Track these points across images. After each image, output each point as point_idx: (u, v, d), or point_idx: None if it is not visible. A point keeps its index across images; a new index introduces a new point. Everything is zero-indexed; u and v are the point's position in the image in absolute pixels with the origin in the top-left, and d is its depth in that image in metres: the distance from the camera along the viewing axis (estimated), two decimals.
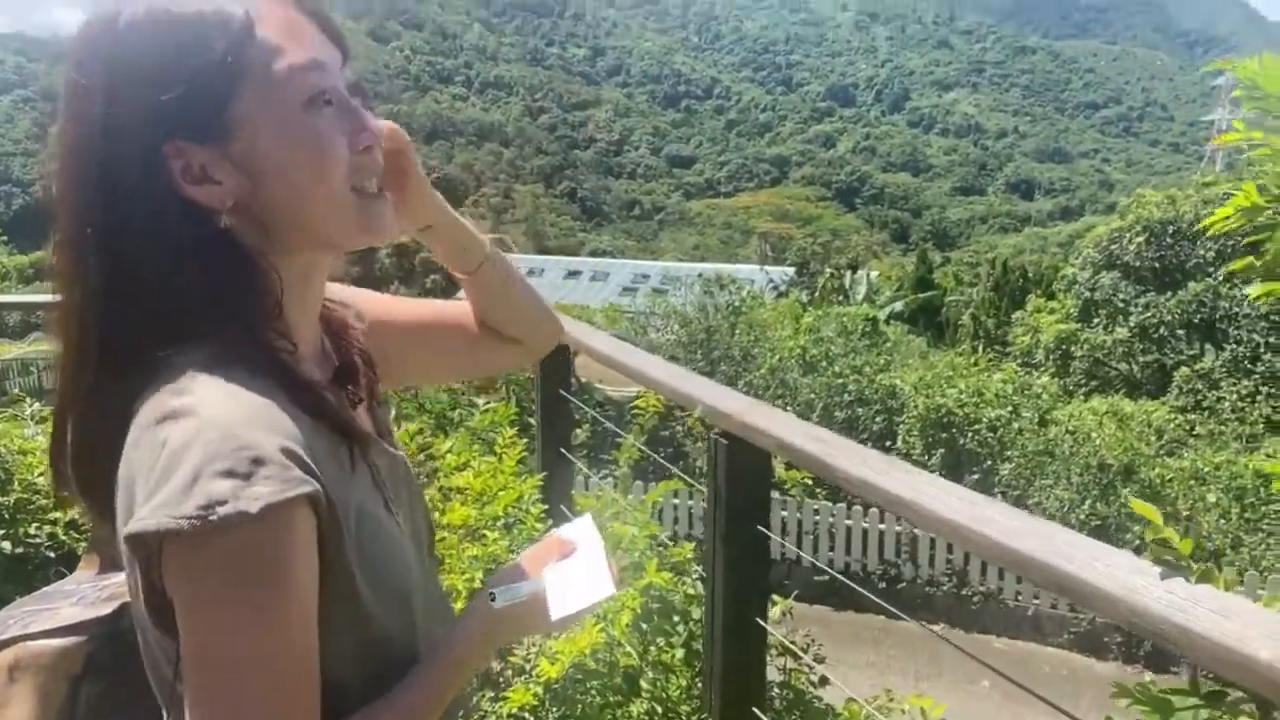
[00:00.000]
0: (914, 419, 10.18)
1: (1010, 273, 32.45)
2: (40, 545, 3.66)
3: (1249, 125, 1.53)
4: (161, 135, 0.81)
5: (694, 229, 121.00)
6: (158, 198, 0.82)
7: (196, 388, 0.79)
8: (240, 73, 0.81)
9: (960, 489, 1.44)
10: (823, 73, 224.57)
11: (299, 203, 0.86)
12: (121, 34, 0.81)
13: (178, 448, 0.75)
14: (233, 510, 0.72)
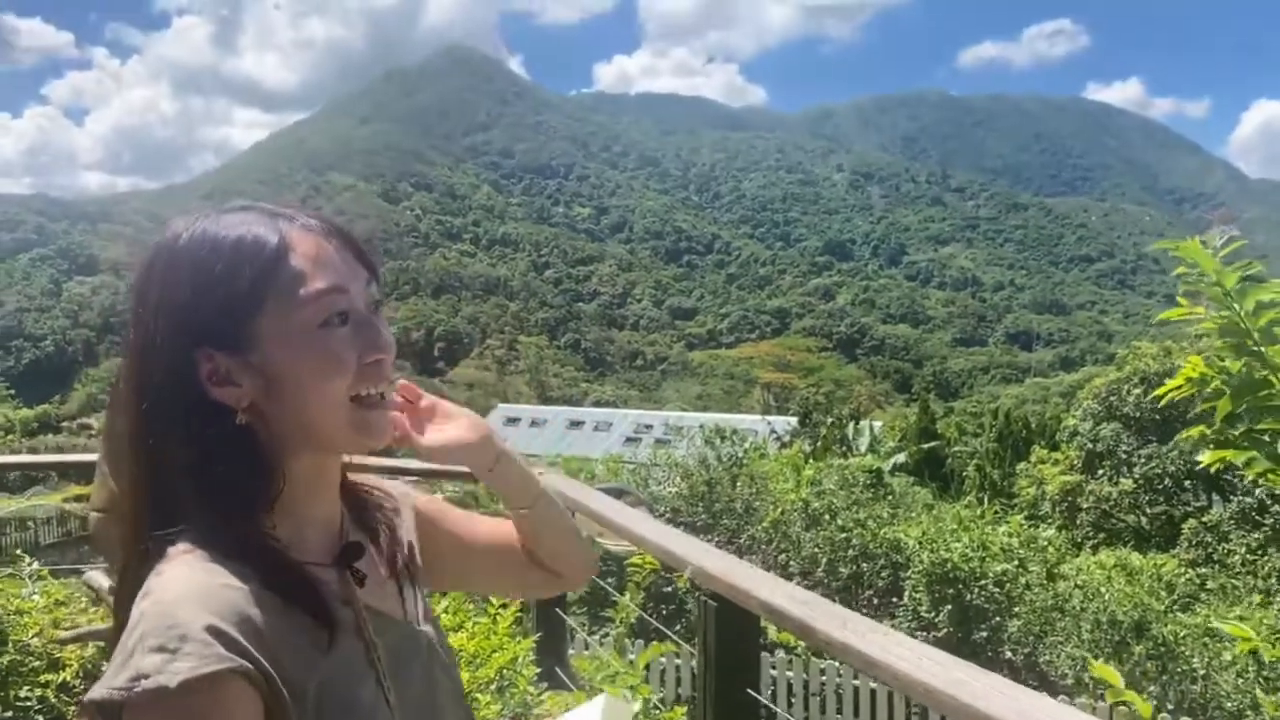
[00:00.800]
0: (919, 574, 10.05)
1: (1013, 423, 32.59)
2: (31, 709, 3.61)
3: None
4: (193, 342, 0.94)
5: (697, 379, 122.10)
6: (185, 395, 0.94)
7: (166, 569, 0.89)
8: (265, 294, 0.94)
9: (934, 651, 1.48)
10: (820, 228, 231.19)
11: (302, 406, 0.96)
12: (175, 253, 0.97)
13: (133, 624, 0.85)
14: (154, 684, 0.79)
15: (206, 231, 0.97)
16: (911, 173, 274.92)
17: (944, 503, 16.73)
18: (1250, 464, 1.44)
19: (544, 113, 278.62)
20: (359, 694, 0.95)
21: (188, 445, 0.93)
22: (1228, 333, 1.44)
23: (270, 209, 0.99)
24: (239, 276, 0.94)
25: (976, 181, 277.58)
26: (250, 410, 0.95)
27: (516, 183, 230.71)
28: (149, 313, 0.96)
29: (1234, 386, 1.41)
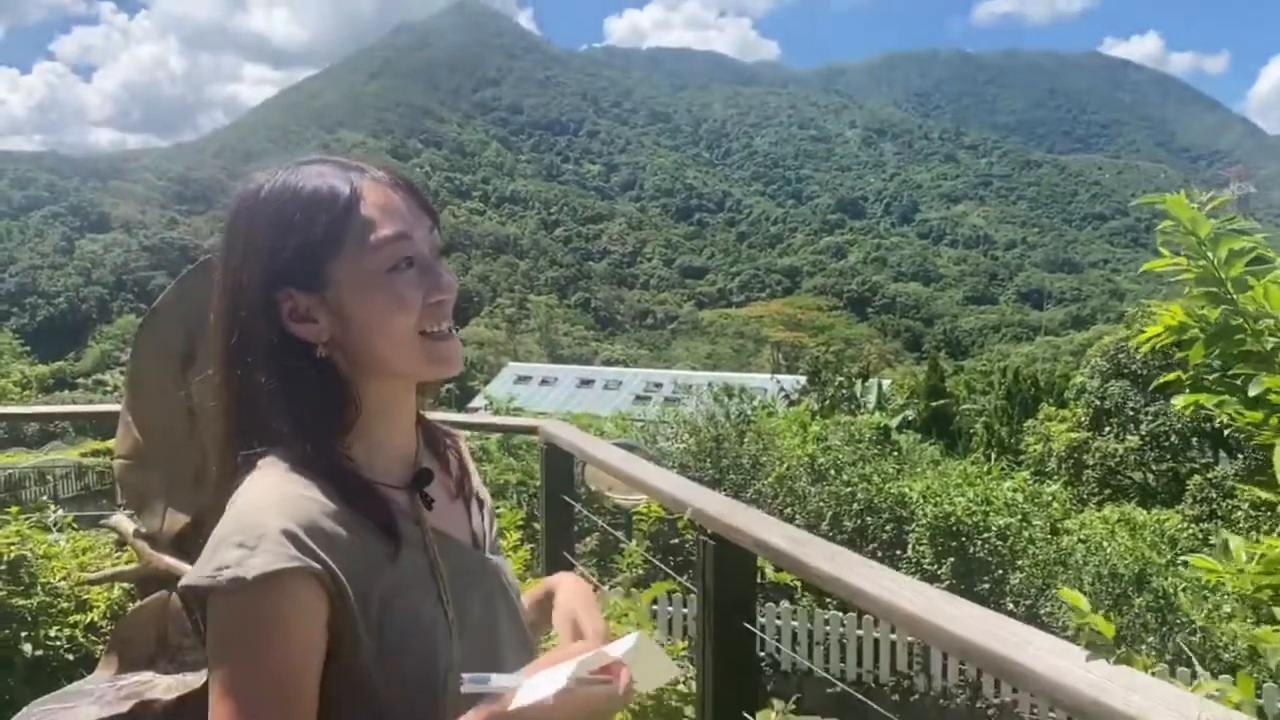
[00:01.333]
0: (923, 528, 10.19)
1: (1022, 381, 32.60)
2: (60, 648, 3.76)
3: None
4: (276, 283, 1.05)
5: (706, 338, 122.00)
6: (269, 331, 1.05)
7: (253, 479, 1.02)
8: (339, 240, 1.05)
9: (917, 584, 1.58)
10: (832, 186, 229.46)
11: (374, 343, 1.06)
12: (258, 203, 1.07)
13: (221, 524, 0.98)
14: (233, 574, 0.92)
15: (286, 183, 1.07)
16: (925, 129, 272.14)
17: (951, 459, 16.85)
18: (1221, 406, 1.51)
19: (553, 68, 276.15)
20: (420, 608, 1.04)
21: (271, 376, 1.04)
22: (1203, 282, 1.50)
23: (343, 162, 1.10)
24: (316, 223, 1.04)
25: (990, 138, 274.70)
26: (328, 344, 1.06)
27: (526, 139, 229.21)
28: (236, 258, 1.07)
29: (1207, 334, 1.48)
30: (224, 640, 0.94)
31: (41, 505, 4.74)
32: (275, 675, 0.93)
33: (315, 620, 0.96)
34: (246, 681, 0.93)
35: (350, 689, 0.99)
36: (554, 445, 3.46)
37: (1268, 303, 1.37)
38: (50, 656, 3.74)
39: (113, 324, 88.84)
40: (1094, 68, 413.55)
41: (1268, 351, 1.39)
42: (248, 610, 0.93)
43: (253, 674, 0.93)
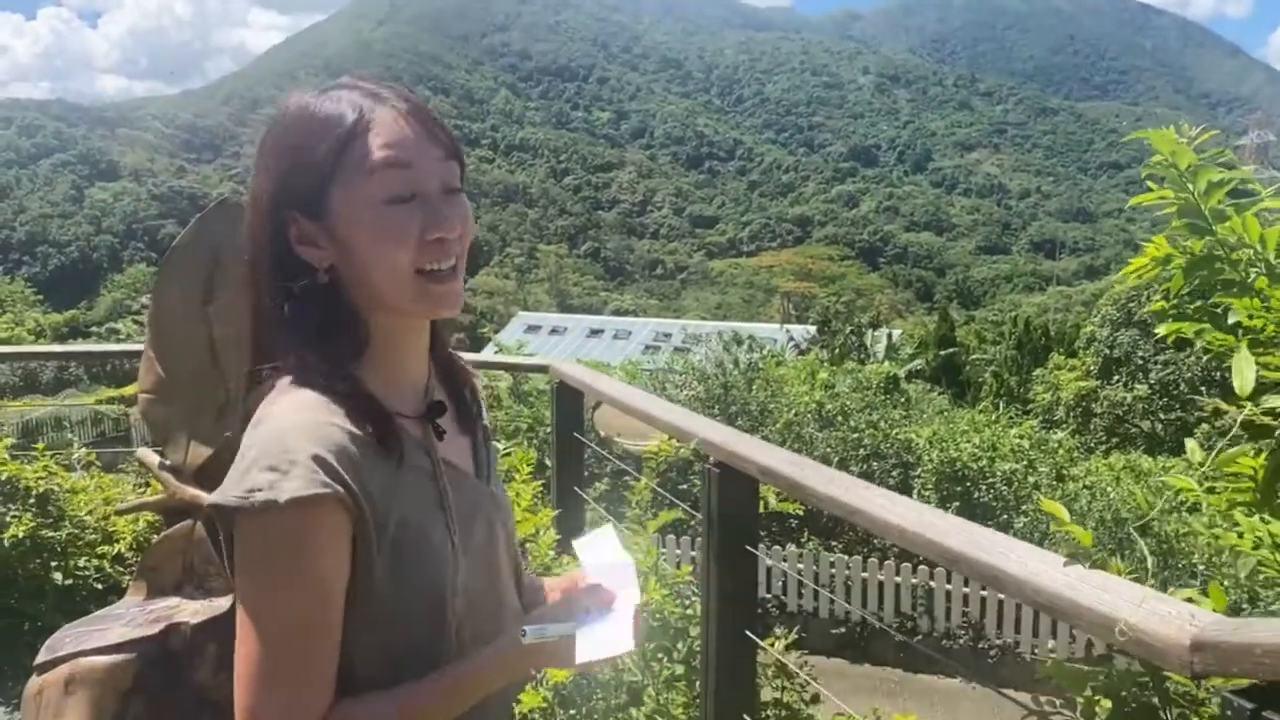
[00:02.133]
0: (928, 473, 10.29)
1: (1033, 331, 32.55)
2: (89, 577, 3.91)
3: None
4: (284, 206, 1.07)
5: (716, 288, 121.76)
6: (279, 252, 1.08)
7: (277, 403, 1.04)
8: (336, 167, 1.05)
9: (906, 500, 1.66)
10: (845, 134, 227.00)
11: (372, 274, 1.07)
12: (278, 125, 1.10)
13: (248, 446, 1.00)
14: (265, 497, 0.95)
15: (304, 106, 1.08)
16: (939, 76, 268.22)
17: (959, 409, 16.93)
18: (1200, 334, 1.58)
19: (563, 12, 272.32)
20: (430, 533, 1.08)
21: (278, 297, 1.08)
22: (1185, 213, 1.56)
23: (367, 88, 1.09)
24: (318, 148, 1.05)
25: (1006, 85, 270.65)
26: (330, 271, 1.08)
27: (535, 86, 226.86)
28: (258, 176, 1.10)
29: (1186, 264, 1.54)
30: (253, 561, 0.98)
31: (68, 442, 4.87)
32: (303, 596, 0.97)
33: (341, 543, 0.99)
34: (275, 602, 0.97)
35: (363, 608, 1.03)
36: (564, 383, 3.55)
37: (1246, 233, 1.42)
38: (79, 585, 3.88)
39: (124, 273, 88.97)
40: (1114, 12, 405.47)
41: (1245, 279, 1.45)
42: (278, 532, 0.96)
43: (281, 595, 0.97)
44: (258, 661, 0.97)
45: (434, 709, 1.04)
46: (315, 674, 0.99)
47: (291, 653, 0.97)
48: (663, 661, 2.53)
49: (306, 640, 0.98)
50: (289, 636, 0.97)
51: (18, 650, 3.44)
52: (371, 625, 1.04)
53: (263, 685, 0.97)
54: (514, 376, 10.63)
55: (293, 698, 0.98)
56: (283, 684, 0.97)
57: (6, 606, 3.81)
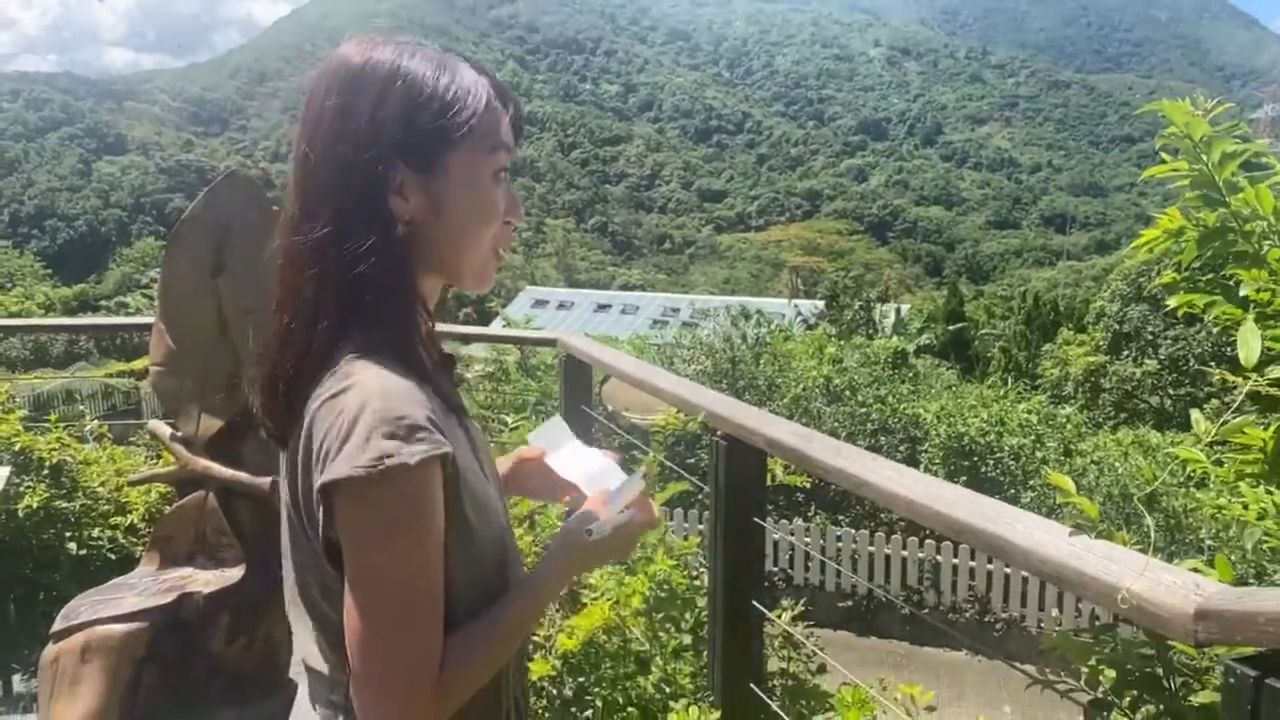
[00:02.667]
0: (936, 448, 10.30)
1: (1042, 306, 32.44)
2: (102, 548, 3.95)
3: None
4: (394, 154, 1.06)
5: (724, 263, 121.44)
6: (371, 195, 1.06)
7: (360, 369, 1.03)
8: (467, 135, 1.09)
9: (913, 472, 1.67)
10: (855, 107, 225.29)
11: (457, 240, 1.11)
12: (387, 76, 1.07)
13: (353, 417, 0.99)
14: (397, 463, 0.97)
15: (416, 68, 1.08)
16: (950, 48, 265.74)
17: (968, 384, 16.90)
18: (1211, 306, 1.57)
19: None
20: (479, 471, 1.15)
21: (368, 253, 1.05)
22: (1199, 185, 1.55)
23: (466, 59, 1.13)
24: (459, 111, 1.08)
25: (1018, 58, 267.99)
26: (409, 225, 1.09)
27: (542, 58, 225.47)
28: (357, 124, 1.06)
29: (1199, 236, 1.53)
30: (384, 529, 0.99)
31: (79, 414, 4.90)
32: (428, 552, 1.02)
33: (442, 501, 1.04)
34: (410, 562, 1.01)
35: (464, 551, 1.09)
36: (572, 357, 3.56)
37: (1260, 205, 1.42)
38: (93, 556, 3.92)
39: (132, 247, 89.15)
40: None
41: (1258, 252, 1.44)
42: (409, 494, 0.99)
43: (415, 553, 1.01)
44: (391, 622, 1.01)
45: (518, 625, 1.14)
46: (437, 629, 1.04)
47: (420, 613, 1.02)
48: (670, 632, 2.55)
49: (431, 598, 1.03)
50: (418, 597, 1.02)
51: (34, 619, 3.49)
52: (467, 566, 1.10)
53: (395, 644, 1.01)
54: (522, 351, 10.65)
55: (421, 650, 1.03)
56: (414, 640, 1.02)
57: (22, 576, 3.86)
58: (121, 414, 15.89)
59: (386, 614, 1.01)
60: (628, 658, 2.48)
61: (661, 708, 2.37)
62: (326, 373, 1.05)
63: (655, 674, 2.44)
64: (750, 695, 2.29)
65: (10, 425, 4.06)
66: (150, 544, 3.33)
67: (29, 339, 29.10)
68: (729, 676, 2.26)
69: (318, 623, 1.11)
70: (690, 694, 2.42)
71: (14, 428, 4.06)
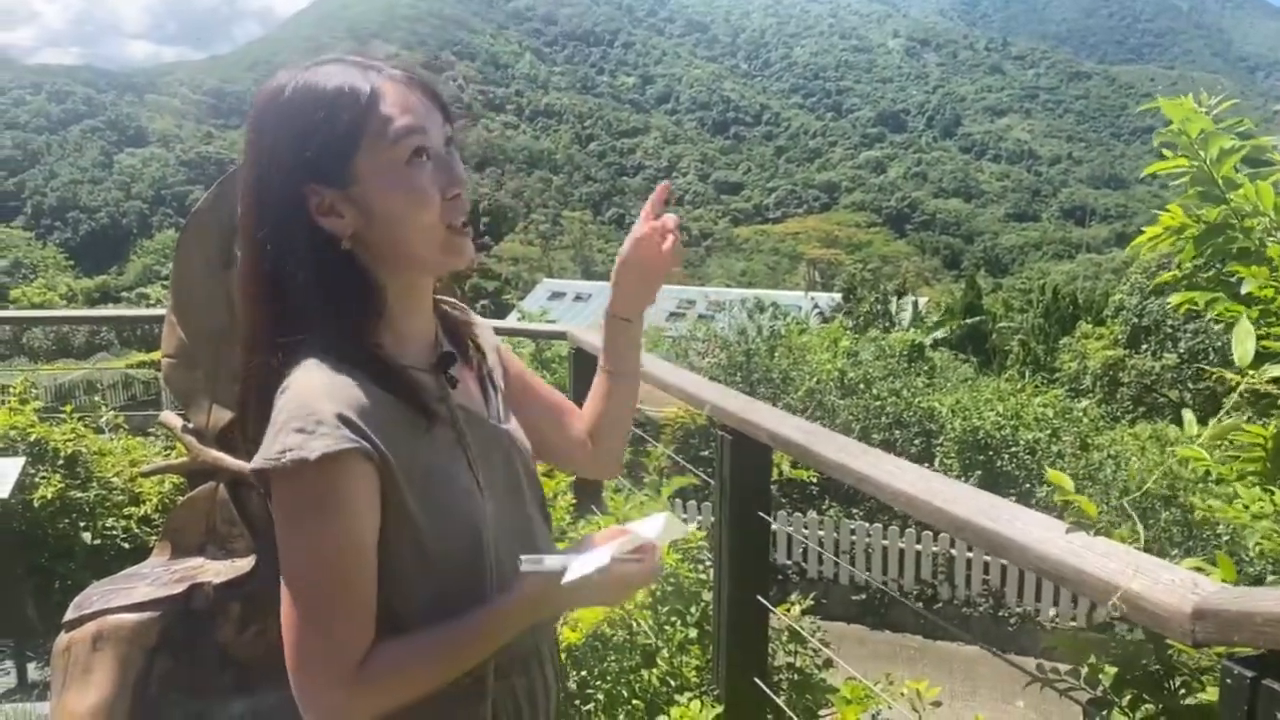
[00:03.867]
0: (951, 441, 10.26)
1: (1061, 299, 32.17)
2: (116, 538, 3.99)
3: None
4: (302, 179, 1.09)
5: (741, 255, 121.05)
6: (297, 225, 1.09)
7: (301, 369, 1.07)
8: (360, 135, 1.08)
9: (915, 468, 1.66)
10: (873, 98, 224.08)
11: (399, 235, 1.12)
12: (283, 102, 1.10)
13: (277, 411, 1.05)
14: (296, 456, 1.00)
15: (308, 82, 1.10)
16: (970, 40, 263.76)
17: (985, 377, 16.81)
18: (1212, 304, 1.56)
19: None
20: (455, 475, 1.15)
21: (301, 269, 1.09)
22: (1198, 181, 1.53)
23: (361, 61, 1.13)
24: (339, 120, 1.08)
25: (1038, 49, 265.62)
26: (353, 238, 1.11)
27: (560, 50, 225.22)
28: (264, 155, 1.10)
29: (1199, 233, 1.52)
30: (291, 518, 1.04)
31: (95, 405, 4.95)
32: (339, 546, 1.03)
33: (370, 495, 1.05)
34: (312, 552, 1.03)
35: (409, 554, 1.10)
36: (581, 350, 3.57)
37: (1260, 200, 1.40)
38: (107, 545, 3.96)
39: (153, 238, 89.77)
40: None
41: (1258, 248, 1.43)
42: (311, 488, 1.02)
43: (317, 545, 1.03)
44: (300, 608, 1.04)
45: (465, 647, 1.09)
46: (353, 616, 1.05)
47: (330, 598, 1.04)
48: (676, 625, 2.56)
49: (344, 586, 1.04)
50: (327, 583, 1.04)
51: (49, 608, 3.53)
52: (419, 571, 1.10)
53: (306, 629, 1.03)
54: (536, 343, 10.68)
55: (333, 638, 1.04)
56: (324, 627, 1.04)
57: (37, 565, 3.90)
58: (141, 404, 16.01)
59: (295, 599, 1.04)
60: (633, 651, 2.48)
61: (666, 701, 2.37)
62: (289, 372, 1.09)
63: (660, 667, 2.44)
64: (755, 689, 2.29)
65: (26, 416, 4.10)
66: (162, 534, 3.35)
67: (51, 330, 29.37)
68: (734, 670, 2.26)
69: None
70: (695, 687, 2.42)
71: (29, 419, 4.10)
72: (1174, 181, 1.74)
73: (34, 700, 3.56)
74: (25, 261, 70.76)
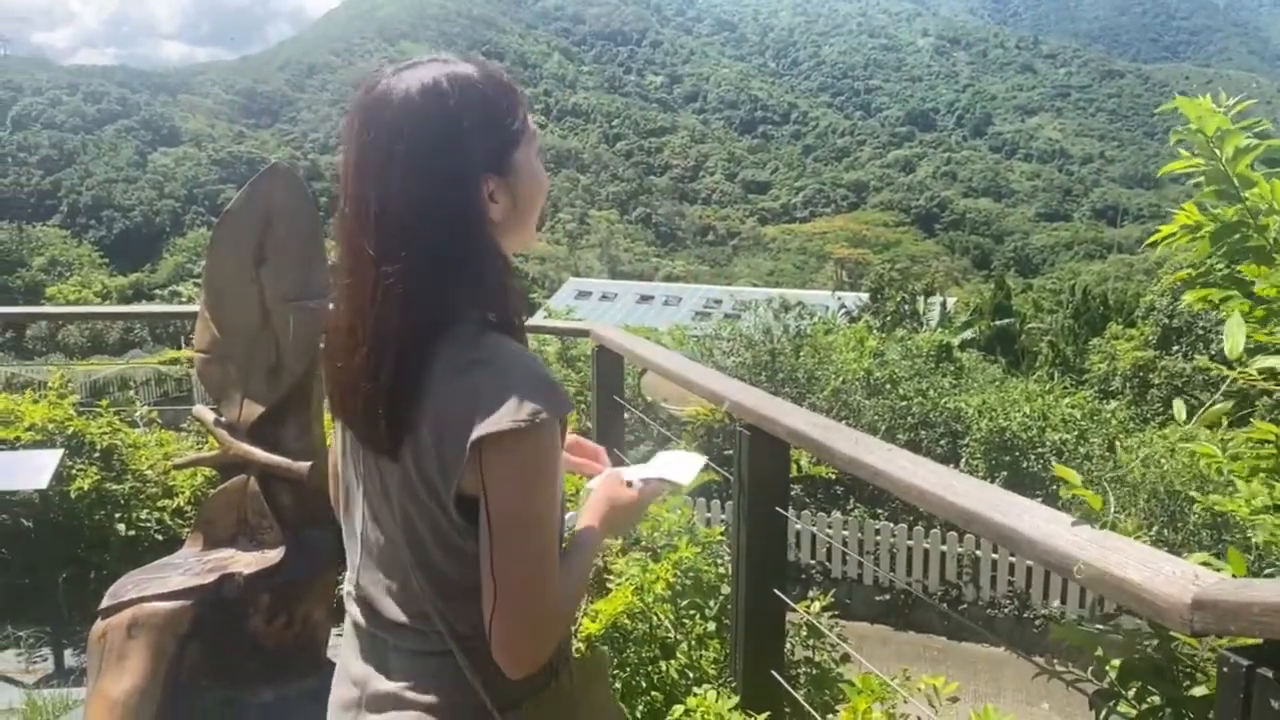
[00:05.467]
0: (977, 442, 10.20)
1: (1091, 300, 31.84)
2: (150, 529, 4.08)
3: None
4: (480, 168, 1.19)
5: (769, 254, 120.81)
6: (473, 212, 1.19)
7: (493, 342, 1.17)
8: (522, 131, 1.23)
9: (929, 463, 1.69)
10: (902, 97, 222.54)
11: (527, 219, 1.26)
12: (442, 96, 1.17)
13: (503, 382, 1.12)
14: (547, 415, 1.11)
15: (467, 80, 1.20)
16: (1000, 38, 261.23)
17: (1013, 378, 16.68)
18: (1226, 302, 1.57)
19: None
20: None
21: (473, 255, 1.18)
22: (1214, 179, 1.55)
23: (484, 64, 1.26)
24: (513, 115, 1.22)
25: (1070, 47, 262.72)
26: (497, 223, 1.22)
27: (588, 50, 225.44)
28: (427, 146, 1.15)
29: (1213, 232, 1.53)
30: (535, 471, 1.13)
31: (130, 400, 5.05)
32: (558, 492, 1.18)
33: None
34: (550, 500, 1.15)
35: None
36: (604, 348, 3.61)
37: (1275, 199, 1.42)
38: (142, 536, 4.05)
39: (185, 237, 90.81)
40: None
41: (1272, 246, 1.44)
42: (549, 443, 1.13)
43: (551, 492, 1.15)
44: (541, 552, 1.14)
45: (588, 564, 1.30)
46: (558, 554, 1.19)
47: (554, 546, 1.16)
48: (695, 619, 2.59)
49: (558, 533, 1.19)
50: (553, 529, 1.16)
51: (84, 597, 3.62)
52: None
53: (538, 567, 1.14)
54: (562, 341, 10.74)
55: (556, 582, 1.16)
56: (553, 572, 1.16)
57: (74, 556, 4.00)
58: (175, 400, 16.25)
59: (535, 551, 1.13)
60: (652, 643, 2.52)
61: (684, 692, 2.41)
62: (453, 351, 1.16)
63: (679, 660, 2.48)
64: (772, 682, 2.32)
65: (63, 410, 4.20)
66: (194, 526, 3.44)
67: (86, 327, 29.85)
68: (751, 663, 2.29)
69: (427, 576, 1.19)
70: (713, 680, 2.46)
71: (67, 412, 4.20)
72: (1191, 181, 1.76)
73: (70, 686, 3.65)
74: (61, 259, 71.87)
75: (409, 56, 1.27)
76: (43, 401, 4.25)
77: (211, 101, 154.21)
